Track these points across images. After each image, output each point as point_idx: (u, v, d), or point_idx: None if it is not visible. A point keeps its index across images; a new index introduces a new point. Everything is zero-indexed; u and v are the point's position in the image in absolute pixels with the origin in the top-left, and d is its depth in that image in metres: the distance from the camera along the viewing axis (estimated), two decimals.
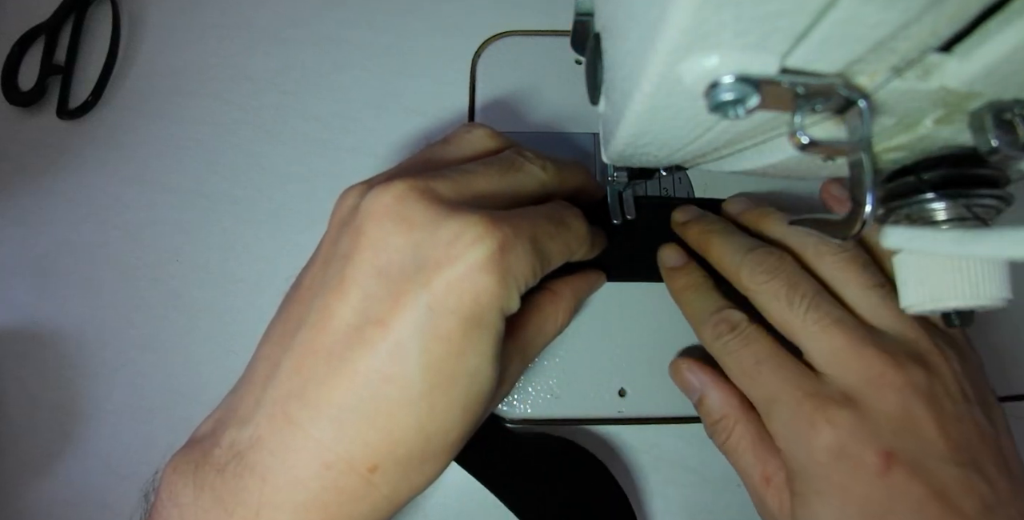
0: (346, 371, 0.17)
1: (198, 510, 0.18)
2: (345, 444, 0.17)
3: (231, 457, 0.18)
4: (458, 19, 0.32)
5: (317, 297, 0.19)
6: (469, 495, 0.27)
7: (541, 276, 0.20)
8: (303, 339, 0.18)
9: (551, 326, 0.23)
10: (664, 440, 0.27)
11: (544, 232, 0.20)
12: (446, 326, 0.17)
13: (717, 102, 0.12)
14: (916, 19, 0.11)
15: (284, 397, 0.18)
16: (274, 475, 0.17)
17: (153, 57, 0.32)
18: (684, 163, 0.25)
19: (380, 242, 0.18)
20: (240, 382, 0.20)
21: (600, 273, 0.27)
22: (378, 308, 0.17)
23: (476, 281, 0.17)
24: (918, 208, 0.18)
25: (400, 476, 0.18)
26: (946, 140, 0.16)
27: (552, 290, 0.24)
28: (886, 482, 0.19)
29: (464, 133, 0.23)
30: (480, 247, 0.17)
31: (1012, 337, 0.29)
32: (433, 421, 0.18)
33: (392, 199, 0.18)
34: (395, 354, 0.17)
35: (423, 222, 0.18)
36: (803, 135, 0.14)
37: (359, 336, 0.17)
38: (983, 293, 0.17)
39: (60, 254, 0.29)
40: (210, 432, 0.19)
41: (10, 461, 0.27)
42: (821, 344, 0.21)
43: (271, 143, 0.31)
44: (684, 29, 0.11)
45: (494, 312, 0.18)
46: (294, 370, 0.18)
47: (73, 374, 0.28)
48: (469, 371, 0.18)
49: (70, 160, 0.30)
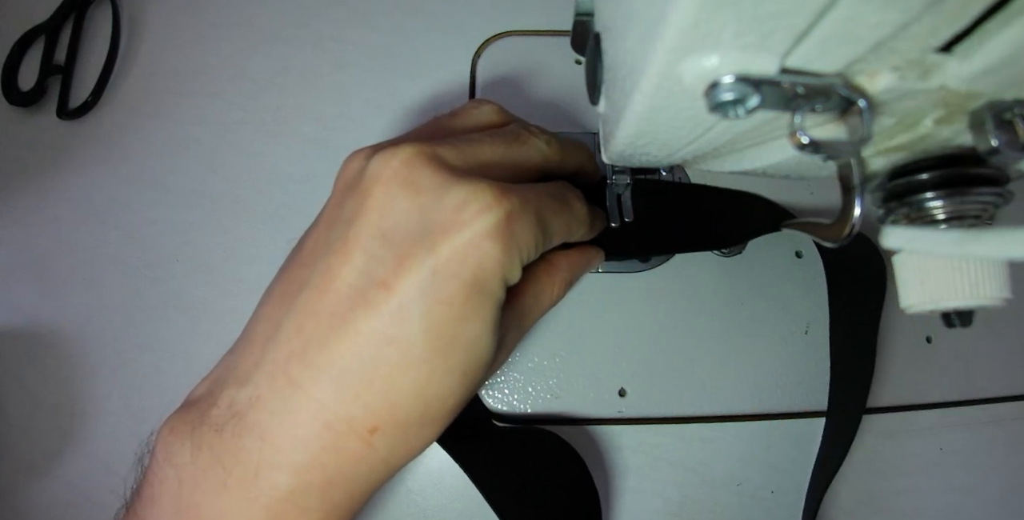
0: (348, 332, 0.17)
1: (196, 470, 0.18)
2: (346, 405, 0.17)
3: (230, 417, 0.18)
4: (458, 19, 0.32)
5: (320, 259, 0.19)
6: (469, 495, 0.27)
7: (542, 251, 0.20)
8: (305, 300, 0.18)
9: (547, 297, 0.23)
10: (664, 440, 0.27)
11: (548, 208, 0.20)
12: (449, 291, 0.17)
13: (717, 102, 0.12)
14: (916, 19, 0.11)
15: (285, 358, 0.18)
16: (273, 435, 0.18)
17: (153, 57, 0.32)
18: (684, 163, 0.25)
19: (386, 205, 0.18)
20: (238, 343, 0.20)
21: (598, 249, 0.27)
22: (382, 270, 0.17)
23: (482, 248, 0.17)
24: (918, 208, 0.18)
25: (399, 439, 0.18)
26: (946, 140, 0.16)
27: (549, 262, 0.24)
28: None
29: (472, 107, 0.23)
30: (488, 215, 0.17)
31: (1012, 337, 0.29)
32: (432, 385, 0.18)
33: (400, 163, 0.18)
34: (398, 316, 0.17)
35: (430, 187, 0.18)
36: (803, 135, 0.14)
37: (362, 298, 0.17)
38: (983, 293, 0.17)
39: (60, 254, 0.29)
40: (207, 393, 0.19)
41: (10, 461, 0.27)
42: None
43: (271, 143, 0.31)
44: (684, 29, 0.11)
45: (497, 280, 0.18)
46: (295, 331, 0.18)
47: (73, 374, 0.28)
48: (469, 337, 0.18)
49: (70, 160, 0.30)
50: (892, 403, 0.29)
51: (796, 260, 0.30)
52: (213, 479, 0.18)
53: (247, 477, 0.17)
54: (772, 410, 0.28)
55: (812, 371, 0.28)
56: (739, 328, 0.29)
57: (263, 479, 0.17)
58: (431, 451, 0.27)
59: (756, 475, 0.27)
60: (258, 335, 0.19)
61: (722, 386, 0.28)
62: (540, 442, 0.26)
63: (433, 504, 0.27)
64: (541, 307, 0.23)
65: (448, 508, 0.27)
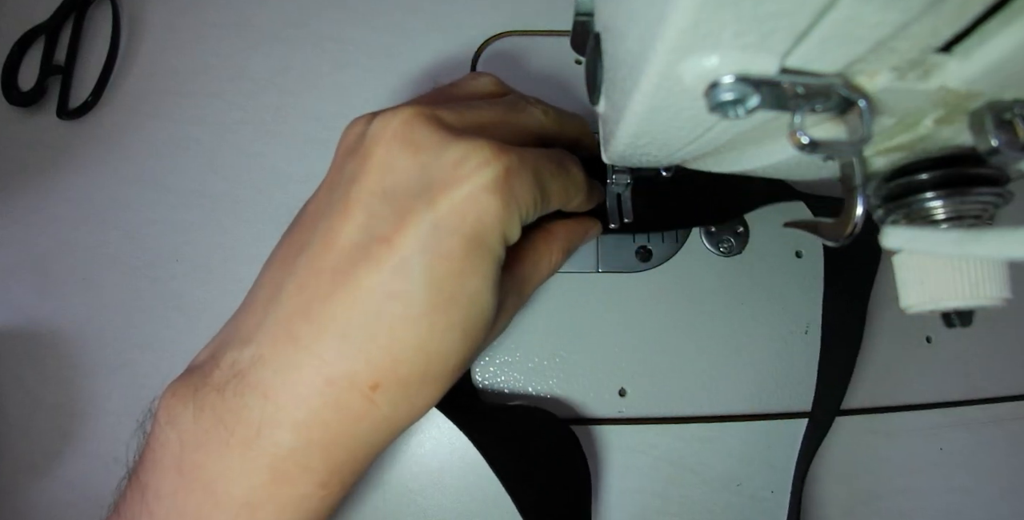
0: (351, 288, 0.18)
1: (198, 430, 0.18)
2: (348, 361, 0.17)
3: (231, 376, 0.18)
4: (458, 19, 0.32)
5: (322, 220, 0.19)
6: (469, 495, 0.27)
7: (540, 212, 0.20)
8: (307, 260, 0.19)
9: (546, 264, 0.24)
10: (664, 440, 0.27)
11: (546, 169, 0.20)
12: (449, 245, 0.17)
13: (717, 102, 0.12)
14: (916, 19, 0.11)
15: (287, 316, 0.18)
16: (276, 392, 0.18)
17: (153, 57, 0.32)
18: (684, 163, 0.25)
19: (387, 164, 0.18)
20: (240, 308, 0.20)
21: (595, 220, 0.27)
22: (384, 227, 0.18)
23: (481, 202, 0.17)
24: (917, 208, 0.18)
25: (401, 397, 0.18)
26: (946, 140, 0.16)
27: (547, 230, 0.24)
28: None
29: (471, 78, 0.24)
30: (487, 170, 0.18)
31: (1012, 337, 0.29)
32: (433, 341, 0.18)
33: (399, 123, 0.18)
34: (399, 271, 0.17)
35: (429, 145, 0.18)
36: (803, 135, 0.14)
37: (364, 254, 0.18)
38: (983, 293, 0.17)
39: (60, 254, 0.29)
40: (210, 357, 0.19)
41: (10, 461, 0.27)
42: None
43: (271, 143, 0.31)
44: (684, 29, 0.11)
45: (496, 236, 0.18)
46: (297, 290, 0.18)
47: (73, 374, 0.28)
48: (470, 292, 0.18)
49: (70, 160, 0.30)
50: (892, 403, 0.29)
51: (796, 260, 0.30)
52: (215, 438, 0.18)
53: (249, 436, 0.17)
54: (772, 410, 0.28)
55: (812, 371, 0.28)
56: (739, 328, 0.29)
57: (265, 437, 0.17)
58: (431, 451, 0.27)
59: (756, 475, 0.27)
60: (260, 298, 0.20)
61: (722, 386, 0.28)
62: (532, 416, 0.26)
63: (433, 504, 0.27)
64: (540, 274, 0.24)
65: (448, 508, 0.27)
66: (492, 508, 0.26)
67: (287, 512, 0.18)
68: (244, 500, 0.18)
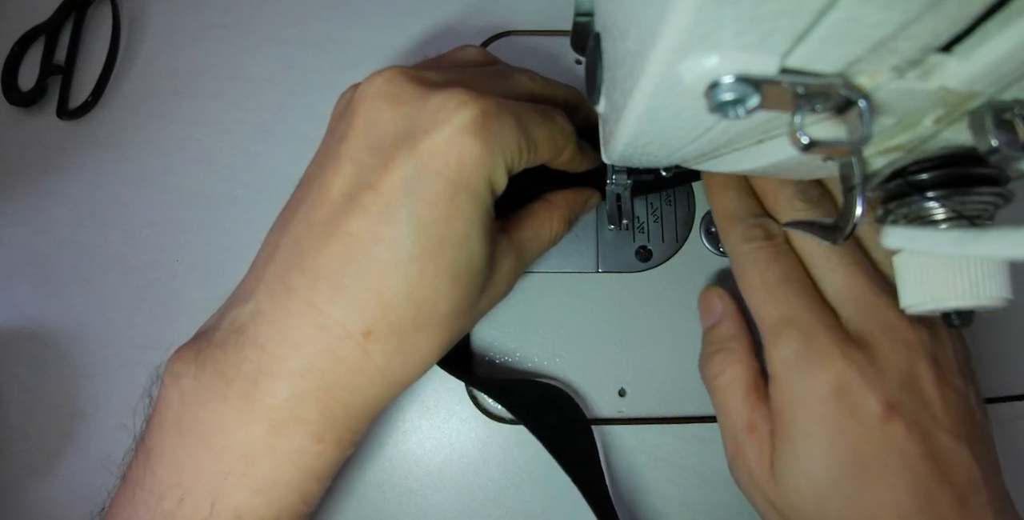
0: (341, 234, 0.18)
1: (199, 387, 0.18)
2: (340, 308, 0.18)
3: (231, 332, 0.19)
4: (458, 19, 0.32)
5: (316, 178, 0.20)
6: (469, 495, 0.27)
7: (528, 160, 0.20)
8: (303, 215, 0.19)
9: (547, 232, 0.24)
10: (664, 440, 0.27)
11: (529, 116, 0.20)
12: (434, 189, 0.18)
13: (717, 102, 0.12)
14: (916, 19, 0.11)
15: (284, 269, 0.19)
16: (272, 343, 0.18)
17: (153, 57, 0.32)
18: (684, 163, 0.25)
19: (372, 119, 0.19)
20: (246, 274, 0.21)
21: (594, 191, 0.27)
22: (370, 175, 0.18)
23: (460, 143, 0.18)
24: (917, 208, 0.18)
25: (394, 345, 0.18)
26: (946, 140, 0.16)
27: (547, 199, 0.25)
28: (883, 432, 0.18)
29: (458, 49, 0.24)
30: (464, 111, 0.18)
31: (1012, 337, 0.29)
32: (422, 286, 0.18)
33: (383, 81, 0.19)
34: (385, 215, 0.18)
35: (411, 97, 0.19)
36: (803, 135, 0.14)
37: (353, 202, 0.18)
38: (983, 293, 0.17)
39: (60, 254, 0.29)
40: (215, 321, 0.20)
41: (10, 461, 0.27)
42: (843, 281, 0.21)
43: (271, 143, 0.31)
44: (684, 29, 0.11)
45: (480, 178, 0.18)
46: (293, 243, 0.19)
47: (73, 374, 0.28)
48: (456, 237, 0.18)
49: (70, 160, 0.30)
50: None
51: None
52: (214, 393, 0.18)
53: (247, 387, 0.18)
54: None
55: None
56: None
57: (261, 388, 0.18)
58: (431, 451, 0.27)
59: None
60: (261, 258, 0.20)
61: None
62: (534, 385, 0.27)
63: (433, 504, 0.27)
64: (541, 242, 0.24)
65: (448, 508, 0.27)
66: (492, 508, 0.26)
67: (283, 466, 0.18)
68: (240, 452, 0.18)
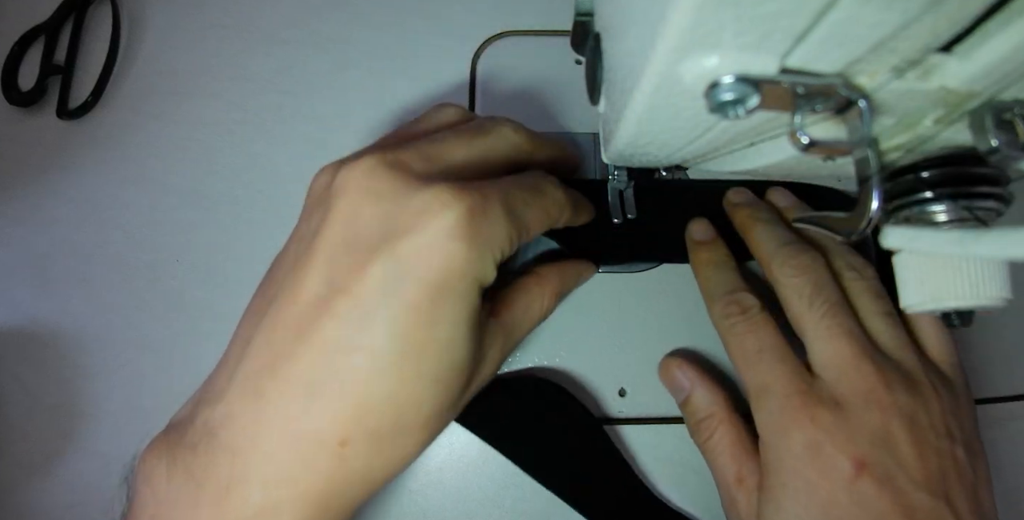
0: (314, 342, 0.17)
1: (171, 488, 0.18)
2: (313, 417, 0.17)
3: (203, 434, 0.18)
4: (458, 19, 0.32)
5: (288, 273, 0.19)
6: (469, 495, 0.27)
7: (522, 242, 0.20)
8: (273, 314, 0.18)
9: (536, 308, 0.23)
10: (664, 440, 0.27)
11: (517, 198, 0.19)
12: (414, 293, 0.17)
13: (717, 102, 0.12)
14: (916, 19, 0.11)
15: (255, 372, 0.18)
16: (244, 450, 0.17)
17: (153, 57, 0.32)
18: (684, 163, 0.25)
19: (349, 215, 0.18)
20: (217, 365, 0.20)
21: (589, 264, 0.27)
22: (344, 277, 0.17)
23: (444, 247, 0.17)
24: (918, 208, 0.18)
25: (373, 450, 0.18)
26: (946, 140, 0.16)
27: (539, 274, 0.24)
28: (854, 488, 0.19)
29: (435, 110, 0.23)
30: (447, 213, 0.17)
31: (1012, 337, 0.29)
32: (404, 391, 0.18)
33: (361, 173, 0.18)
34: (362, 323, 0.17)
35: (392, 194, 0.18)
36: (803, 135, 0.14)
37: (326, 306, 0.17)
38: (983, 293, 0.17)
39: (60, 254, 0.29)
40: (187, 415, 0.19)
41: (10, 461, 0.27)
42: (826, 348, 0.21)
43: (271, 143, 0.31)
44: (684, 29, 0.11)
45: (466, 280, 0.18)
46: (264, 345, 0.18)
47: (73, 374, 0.28)
48: (440, 341, 0.18)
49: (70, 160, 0.30)
50: None
51: None
52: (187, 497, 0.17)
53: (219, 494, 0.17)
54: None
55: None
56: None
57: (234, 495, 0.17)
58: (431, 451, 0.27)
59: None
60: (232, 354, 0.20)
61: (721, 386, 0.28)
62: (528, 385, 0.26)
63: (433, 504, 0.27)
64: (531, 319, 0.23)
65: (448, 508, 0.27)
66: (492, 508, 0.26)
67: None
68: None
